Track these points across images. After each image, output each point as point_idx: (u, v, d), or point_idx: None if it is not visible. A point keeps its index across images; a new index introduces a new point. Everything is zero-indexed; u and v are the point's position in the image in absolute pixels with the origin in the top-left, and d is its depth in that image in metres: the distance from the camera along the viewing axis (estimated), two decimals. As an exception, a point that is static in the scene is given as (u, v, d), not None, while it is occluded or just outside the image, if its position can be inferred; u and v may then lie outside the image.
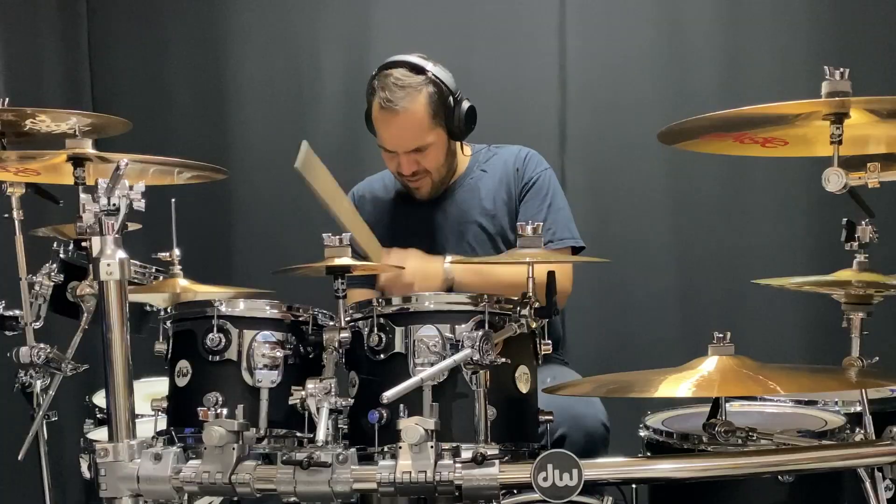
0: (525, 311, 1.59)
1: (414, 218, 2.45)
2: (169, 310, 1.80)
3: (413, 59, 2.31)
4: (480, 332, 1.53)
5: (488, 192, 2.42)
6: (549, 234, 2.25)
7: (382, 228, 2.45)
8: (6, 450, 2.20)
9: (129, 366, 1.52)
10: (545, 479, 1.44)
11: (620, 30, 3.28)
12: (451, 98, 2.30)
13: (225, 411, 1.56)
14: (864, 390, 1.77)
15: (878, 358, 1.78)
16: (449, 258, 2.25)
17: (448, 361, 1.53)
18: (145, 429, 1.67)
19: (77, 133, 2.01)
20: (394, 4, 3.37)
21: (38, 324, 2.13)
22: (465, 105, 2.32)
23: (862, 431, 1.75)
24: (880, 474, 1.69)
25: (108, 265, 1.48)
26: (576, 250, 2.39)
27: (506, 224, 2.40)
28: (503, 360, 1.55)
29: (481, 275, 2.22)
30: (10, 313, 2.16)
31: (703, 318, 3.16)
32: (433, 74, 2.29)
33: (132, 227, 1.88)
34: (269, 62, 3.47)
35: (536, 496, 1.47)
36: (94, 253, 1.49)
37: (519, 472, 1.48)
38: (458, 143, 2.41)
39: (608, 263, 1.87)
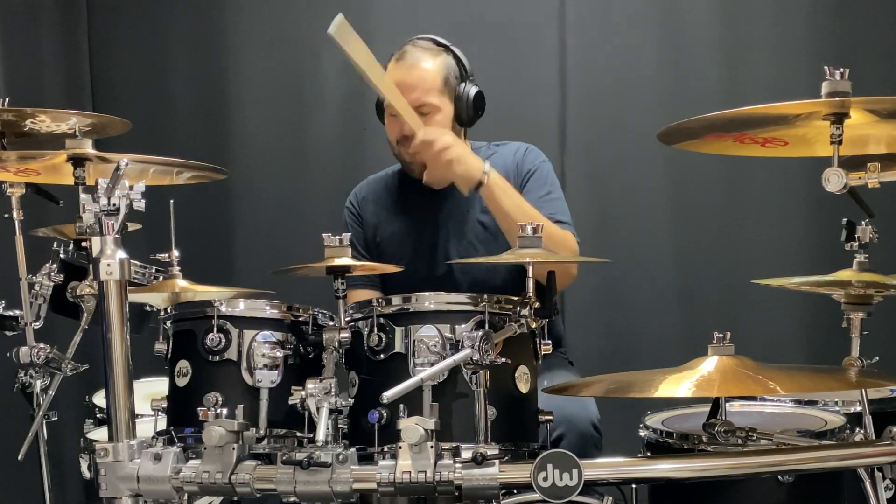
0: (525, 311, 1.59)
1: (415, 216, 2.45)
2: (169, 310, 1.80)
3: (437, 37, 2.39)
4: (480, 332, 1.53)
5: None
6: (553, 218, 2.25)
7: (384, 227, 2.47)
8: (6, 450, 2.20)
9: (129, 366, 1.52)
10: (545, 479, 1.44)
11: (620, 29, 3.28)
12: (464, 76, 2.35)
13: (225, 411, 1.56)
14: (864, 390, 1.77)
15: (878, 358, 1.79)
16: (489, 163, 2.25)
17: (448, 361, 1.53)
18: (145, 429, 1.66)
19: (77, 133, 2.02)
20: (393, 4, 3.37)
21: (38, 324, 2.13)
22: (475, 89, 2.35)
23: (862, 431, 1.75)
24: (880, 474, 1.69)
25: (108, 265, 1.49)
26: None
27: None
28: (503, 360, 1.55)
29: (512, 197, 2.22)
30: (10, 313, 2.17)
31: (703, 318, 3.16)
32: (455, 51, 2.37)
33: (132, 227, 1.89)
34: (269, 62, 3.47)
35: (536, 496, 1.47)
36: (94, 253, 1.49)
37: (519, 472, 1.48)
38: (462, 131, 2.41)
39: (608, 263, 1.87)
